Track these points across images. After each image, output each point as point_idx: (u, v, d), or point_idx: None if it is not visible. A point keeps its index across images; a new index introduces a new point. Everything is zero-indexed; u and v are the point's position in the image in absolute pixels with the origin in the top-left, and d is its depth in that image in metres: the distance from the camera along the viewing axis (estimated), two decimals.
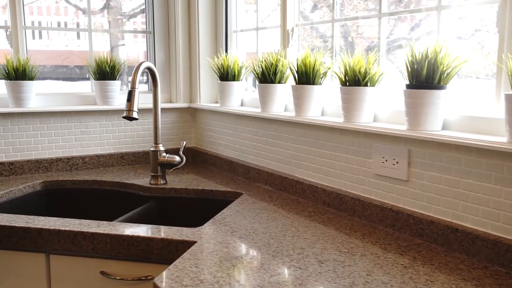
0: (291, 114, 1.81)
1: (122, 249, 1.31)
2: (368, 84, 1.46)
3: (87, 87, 2.38)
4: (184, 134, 2.44)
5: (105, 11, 2.37)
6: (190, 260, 1.12)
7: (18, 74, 2.03)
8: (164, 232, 1.32)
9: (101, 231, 1.32)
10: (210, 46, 2.39)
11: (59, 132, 2.15)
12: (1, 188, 1.83)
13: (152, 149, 1.91)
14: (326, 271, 1.06)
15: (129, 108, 1.69)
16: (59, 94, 2.23)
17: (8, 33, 2.14)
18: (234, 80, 2.14)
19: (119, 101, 2.28)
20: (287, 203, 1.63)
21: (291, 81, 1.92)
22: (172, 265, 1.09)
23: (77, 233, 1.33)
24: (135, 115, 1.69)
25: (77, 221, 1.42)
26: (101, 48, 2.37)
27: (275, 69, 1.85)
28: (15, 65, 2.03)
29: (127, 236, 1.30)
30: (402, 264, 1.10)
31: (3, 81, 2.08)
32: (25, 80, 2.05)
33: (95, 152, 2.23)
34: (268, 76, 1.85)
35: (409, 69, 1.28)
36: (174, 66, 2.43)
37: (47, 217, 1.45)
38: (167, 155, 1.90)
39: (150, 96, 2.42)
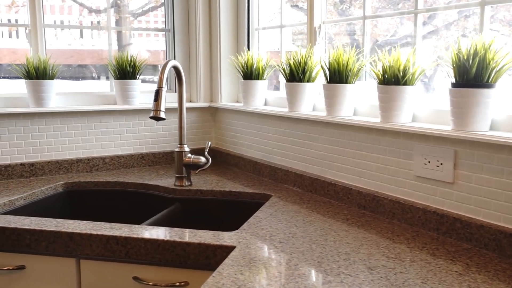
0: (320, 113, 1.76)
1: (156, 254, 1.26)
2: (407, 82, 1.41)
3: (94, 86, 2.33)
4: (204, 134, 2.40)
5: (112, 9, 2.32)
6: (233, 267, 1.08)
7: (39, 73, 1.99)
8: (200, 236, 1.27)
9: (135, 236, 1.28)
10: (231, 44, 2.34)
11: (79, 132, 2.10)
12: (23, 190, 1.79)
13: (177, 149, 1.87)
14: (378, 279, 1.02)
15: (156, 108, 1.64)
16: (79, 94, 2.19)
17: (27, 31, 2.10)
18: (258, 79, 2.09)
19: (139, 100, 2.24)
20: (320, 206, 1.58)
21: (318, 80, 1.88)
22: (216, 271, 1.05)
23: (109, 238, 1.29)
24: (162, 115, 1.65)
25: (107, 224, 1.37)
26: (105, 47, 2.31)
27: (304, 68, 1.80)
28: (35, 64, 1.98)
29: (162, 240, 1.25)
30: (456, 271, 1.05)
31: (22, 80, 2.04)
32: (46, 79, 2.00)
33: (115, 153, 2.19)
34: (296, 74, 1.80)
35: (456, 67, 1.23)
36: (194, 64, 2.38)
37: (77, 221, 1.40)
38: (193, 156, 1.86)
39: (168, 95, 2.37)
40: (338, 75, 1.62)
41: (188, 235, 1.28)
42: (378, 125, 1.45)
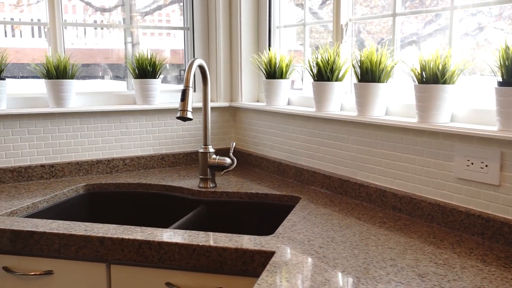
0: (348, 113, 1.72)
1: (191, 259, 1.22)
2: (447, 81, 1.36)
3: (104, 85, 2.29)
4: (224, 134, 2.35)
5: (119, 8, 2.27)
6: (277, 274, 1.03)
7: (59, 72, 1.94)
8: (236, 241, 1.23)
9: (168, 240, 1.24)
10: (252, 42, 2.29)
11: (99, 133, 2.06)
12: (45, 192, 1.75)
13: (201, 150, 1.82)
14: (432, 287, 0.97)
15: (183, 108, 1.60)
16: (97, 93, 2.15)
17: (45, 30, 2.06)
18: (281, 78, 2.05)
19: (159, 100, 2.19)
20: (352, 208, 1.54)
21: (346, 78, 1.84)
22: (260, 279, 1.00)
23: (142, 242, 1.25)
24: (189, 115, 1.61)
25: (138, 228, 1.33)
26: (109, 46, 2.27)
27: (332, 67, 1.75)
28: (55, 63, 1.94)
29: (198, 245, 1.21)
30: None
31: (37, 80, 2.00)
32: (66, 78, 1.96)
33: (135, 154, 2.15)
34: (324, 73, 1.76)
35: (504, 66, 1.18)
36: (214, 63, 2.34)
37: (106, 224, 1.36)
38: (217, 157, 1.81)
39: None
40: (370, 74, 1.57)
41: (223, 240, 1.24)
42: (416, 125, 1.40)
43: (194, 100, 2.36)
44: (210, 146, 1.83)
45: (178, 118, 1.60)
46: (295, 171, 1.91)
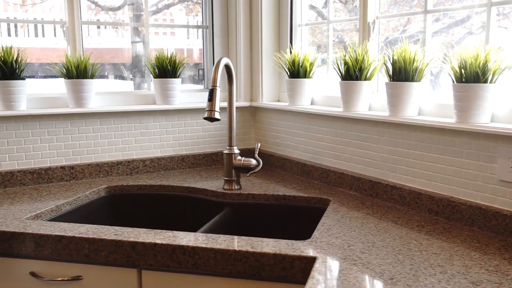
0: (377, 113, 1.67)
1: (227, 265, 1.18)
2: (487, 80, 1.32)
3: (118, 85, 2.24)
4: (244, 134, 2.31)
5: (125, 7, 2.22)
6: (324, 282, 0.99)
7: (80, 72, 1.91)
8: (274, 245, 1.19)
9: (203, 245, 1.19)
10: (273, 41, 2.25)
11: (119, 133, 2.02)
12: (67, 194, 1.71)
13: (226, 151, 1.78)
14: None
15: (211, 108, 1.56)
16: (116, 93, 2.11)
17: (64, 29, 2.02)
18: (305, 77, 2.00)
19: (179, 100, 2.15)
20: (386, 211, 1.49)
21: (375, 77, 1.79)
22: (307, 287, 0.96)
23: (175, 247, 1.21)
24: (217, 115, 1.56)
25: (170, 233, 1.29)
26: (114, 45, 2.22)
27: (361, 65, 1.71)
28: (75, 62, 1.90)
29: (234, 250, 1.17)
30: None
31: (54, 79, 1.97)
32: (86, 78, 1.92)
33: (155, 155, 2.11)
34: (353, 72, 1.71)
35: None
36: (234, 62, 2.30)
37: (136, 228, 1.32)
38: (243, 158, 1.77)
39: (205, 94, 2.28)
40: (404, 73, 1.53)
41: (260, 244, 1.19)
42: (454, 125, 1.35)
43: None
44: (235, 147, 1.79)
45: (205, 118, 1.56)
46: (321, 172, 1.87)
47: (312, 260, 1.12)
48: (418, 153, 1.51)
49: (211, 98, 1.56)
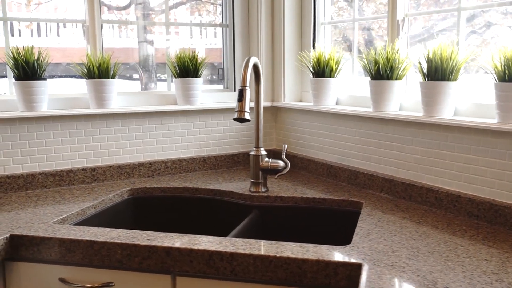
0: (409, 113, 1.63)
1: (267, 271, 1.14)
2: None
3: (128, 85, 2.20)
4: (265, 135, 2.27)
5: (132, 6, 2.17)
6: None
7: (102, 72, 1.86)
8: (315, 251, 1.14)
9: (242, 251, 1.15)
10: (295, 40, 2.21)
11: (140, 134, 1.98)
12: (91, 197, 1.67)
13: (252, 153, 1.74)
14: None
15: (241, 109, 1.52)
16: (136, 94, 2.07)
17: (84, 28, 1.98)
18: (330, 76, 1.96)
19: (201, 100, 2.11)
20: (423, 214, 1.45)
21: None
22: None
23: (213, 253, 1.16)
24: (247, 116, 1.52)
25: (204, 237, 1.25)
26: (121, 45, 2.17)
27: (392, 64, 1.66)
28: (97, 62, 1.86)
29: (274, 256, 1.13)
30: None
31: (73, 79, 1.93)
32: (108, 78, 1.88)
33: (177, 156, 2.06)
34: (384, 71, 1.66)
35: None
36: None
37: (168, 233, 1.28)
38: (270, 159, 1.73)
39: (225, 94, 2.25)
40: (440, 72, 1.48)
41: (300, 250, 1.15)
42: (497, 126, 1.31)
43: (235, 99, 2.27)
44: (262, 149, 1.74)
45: (235, 119, 1.52)
46: (349, 174, 1.82)
47: (358, 267, 1.08)
48: (456, 154, 1.46)
49: (241, 98, 1.52)
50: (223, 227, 1.78)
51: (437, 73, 1.48)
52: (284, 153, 1.74)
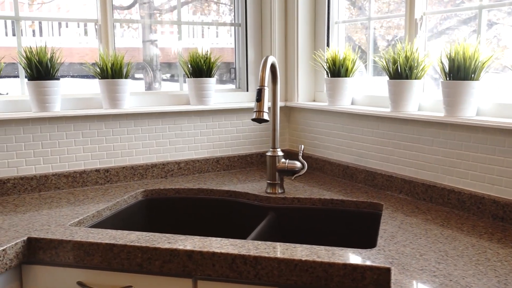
0: (428, 113, 1.60)
1: (292, 275, 1.11)
2: None
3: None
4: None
5: (136, 5, 2.13)
6: None
7: (115, 72, 1.84)
8: (340, 255, 1.12)
9: (265, 255, 1.12)
10: (309, 39, 2.18)
11: (153, 135, 1.96)
12: (106, 199, 1.64)
13: (269, 153, 1.71)
14: None
15: (259, 109, 1.49)
16: (149, 93, 2.05)
17: (96, 27, 1.96)
18: (345, 76, 1.93)
19: (214, 100, 2.09)
20: (446, 217, 1.42)
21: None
22: None
23: (236, 257, 1.14)
24: (266, 116, 1.49)
25: (226, 240, 1.22)
26: (121, 45, 2.13)
27: (411, 63, 1.63)
28: (110, 61, 1.84)
29: (300, 260, 1.10)
30: None
31: (85, 79, 1.90)
32: (121, 78, 1.86)
33: (190, 157, 2.04)
34: (403, 71, 1.64)
35: None
36: None
37: (189, 236, 1.25)
38: (287, 160, 1.70)
39: (237, 94, 2.22)
40: (463, 71, 1.45)
41: (325, 254, 1.12)
42: None
43: (248, 99, 2.25)
44: (278, 149, 1.71)
45: (253, 119, 1.49)
46: (366, 174, 1.79)
47: (386, 271, 1.05)
48: (480, 155, 1.43)
49: (260, 98, 1.49)
50: (239, 229, 1.75)
51: (460, 72, 1.46)
52: (301, 154, 1.71)
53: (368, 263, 1.07)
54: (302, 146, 1.73)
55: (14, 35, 1.91)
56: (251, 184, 1.85)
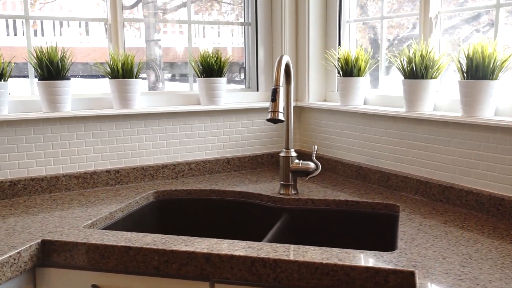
0: (444, 113, 1.58)
1: (313, 279, 1.09)
2: None
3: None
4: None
5: (140, 5, 2.11)
6: None
7: (126, 72, 1.82)
8: (360, 257, 1.10)
9: (285, 257, 1.10)
10: (320, 38, 2.16)
11: (164, 135, 1.94)
12: (118, 200, 1.62)
13: (282, 154, 1.69)
14: None
15: (274, 109, 1.47)
16: (159, 93, 2.03)
17: (106, 26, 1.94)
18: (358, 75, 1.91)
19: (226, 100, 2.07)
20: (464, 218, 1.40)
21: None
22: None
23: (255, 260, 1.12)
24: (281, 116, 1.47)
25: (243, 243, 1.20)
26: (128, 44, 2.11)
27: (426, 63, 1.61)
28: (121, 61, 1.82)
29: (321, 263, 1.08)
30: None
31: (95, 79, 1.88)
32: (132, 78, 1.84)
33: (200, 158, 2.02)
34: (419, 70, 1.62)
35: None
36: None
37: (206, 238, 1.23)
38: (301, 161, 1.68)
39: (248, 94, 2.20)
40: (482, 70, 1.43)
41: (345, 256, 1.10)
42: None
43: (258, 99, 2.23)
44: (292, 150, 1.69)
45: (268, 120, 1.47)
46: (380, 175, 1.77)
47: (410, 274, 1.03)
48: (499, 156, 1.41)
49: (275, 98, 1.47)
50: (252, 231, 1.73)
51: (478, 71, 1.43)
52: (315, 155, 1.69)
53: (391, 266, 1.05)
54: (316, 146, 1.70)
55: (15, 34, 1.90)
56: (263, 185, 1.83)
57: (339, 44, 2.12)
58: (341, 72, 1.94)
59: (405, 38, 2.00)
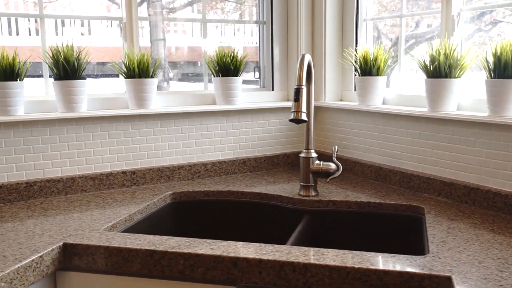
0: (468, 113, 1.54)
1: (344, 283, 1.06)
2: None
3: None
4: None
5: (144, 4, 2.07)
6: None
7: (142, 71, 1.79)
8: (393, 261, 1.06)
9: (316, 262, 1.07)
10: (337, 36, 2.12)
11: (179, 136, 1.91)
12: (136, 202, 1.60)
13: (302, 155, 1.66)
14: None
15: (297, 109, 1.44)
16: (174, 93, 2.00)
17: (121, 25, 1.91)
18: (377, 75, 1.88)
19: (241, 100, 2.04)
20: (493, 221, 1.36)
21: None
22: None
23: (284, 264, 1.09)
24: (304, 116, 1.44)
25: (270, 246, 1.17)
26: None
27: (450, 62, 1.58)
28: (137, 60, 1.79)
29: (352, 268, 1.05)
30: None
31: (108, 79, 1.86)
32: (148, 77, 1.81)
33: (216, 158, 1.99)
34: (443, 69, 1.58)
35: None
36: (293, 60, 2.17)
37: (231, 242, 1.20)
38: (322, 162, 1.65)
39: (263, 94, 2.17)
40: (510, 69, 1.40)
41: (377, 260, 1.07)
42: None
43: (274, 99, 2.20)
44: (312, 151, 1.66)
45: (291, 120, 1.44)
46: (401, 176, 1.74)
47: (446, 279, 1.00)
48: None
49: (298, 98, 1.44)
50: (272, 233, 1.70)
51: (507, 70, 1.40)
52: (335, 155, 1.66)
53: (426, 271, 1.02)
54: (336, 147, 1.67)
55: (17, 34, 1.87)
56: (281, 186, 1.80)
57: (356, 43, 2.09)
58: (359, 71, 1.90)
59: (408, 37, 1.97)
